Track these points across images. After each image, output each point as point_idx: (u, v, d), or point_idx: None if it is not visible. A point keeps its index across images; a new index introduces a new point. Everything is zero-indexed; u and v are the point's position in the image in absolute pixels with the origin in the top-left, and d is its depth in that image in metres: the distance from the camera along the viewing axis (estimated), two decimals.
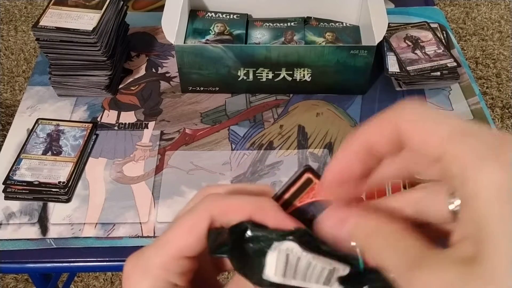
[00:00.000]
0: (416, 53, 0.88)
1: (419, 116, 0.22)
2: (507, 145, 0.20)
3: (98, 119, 0.82)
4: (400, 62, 0.87)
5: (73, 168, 0.73)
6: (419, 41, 0.90)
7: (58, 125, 0.79)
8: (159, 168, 0.75)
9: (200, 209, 0.27)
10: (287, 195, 0.27)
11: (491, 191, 0.19)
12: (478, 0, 2.14)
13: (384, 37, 0.80)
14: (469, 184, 0.20)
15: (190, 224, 0.26)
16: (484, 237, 0.19)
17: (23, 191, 0.71)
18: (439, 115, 0.22)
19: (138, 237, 0.68)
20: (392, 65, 0.86)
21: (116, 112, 0.84)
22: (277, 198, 0.27)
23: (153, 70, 0.91)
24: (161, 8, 0.82)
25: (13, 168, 0.72)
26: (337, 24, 0.92)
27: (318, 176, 0.27)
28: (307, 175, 0.27)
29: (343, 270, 0.25)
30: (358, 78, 0.83)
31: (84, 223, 0.69)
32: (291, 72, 0.82)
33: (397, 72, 0.85)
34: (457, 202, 0.24)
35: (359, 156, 0.24)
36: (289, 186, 0.27)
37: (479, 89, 0.95)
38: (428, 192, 0.26)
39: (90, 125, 0.80)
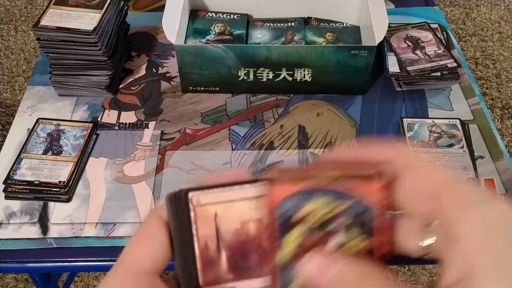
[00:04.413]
0: (416, 54, 0.88)
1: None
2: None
3: (99, 119, 0.82)
4: (400, 62, 0.87)
5: (73, 168, 0.73)
6: (419, 41, 0.90)
7: (58, 124, 0.79)
8: (159, 168, 0.75)
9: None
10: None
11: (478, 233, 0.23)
12: (478, 0, 2.14)
13: (385, 38, 0.80)
14: (460, 225, 0.23)
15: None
16: (474, 273, 0.22)
17: (24, 190, 0.71)
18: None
19: None
20: (393, 66, 0.87)
21: (117, 112, 0.84)
22: None
23: (154, 70, 0.91)
24: (161, 8, 0.82)
25: (14, 168, 0.72)
26: (337, 24, 0.92)
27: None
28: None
29: None
30: (359, 78, 0.83)
31: (85, 223, 0.69)
32: (291, 72, 0.82)
33: (398, 72, 0.86)
34: (428, 241, 0.26)
35: None
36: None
37: (479, 90, 0.95)
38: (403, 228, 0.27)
39: (91, 125, 0.80)
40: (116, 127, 0.81)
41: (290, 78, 0.83)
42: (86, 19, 0.79)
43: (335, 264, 0.25)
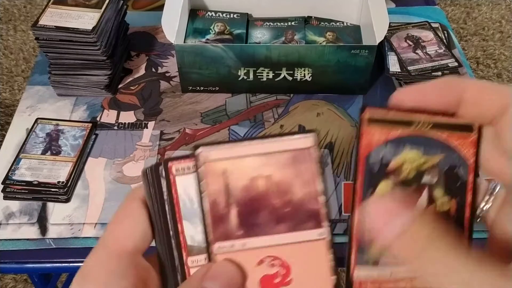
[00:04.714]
0: (417, 53, 0.88)
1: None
2: None
3: (98, 118, 0.82)
4: (401, 62, 0.86)
5: (72, 168, 0.73)
6: (420, 41, 0.90)
7: (57, 124, 0.79)
8: None
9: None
10: None
11: None
12: (479, 0, 2.14)
13: (385, 37, 0.80)
14: None
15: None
16: None
17: (23, 191, 0.71)
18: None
19: None
20: (393, 65, 0.86)
21: (116, 111, 0.83)
22: None
23: (153, 69, 0.91)
24: (161, 8, 0.82)
25: (13, 168, 0.72)
26: (337, 23, 0.91)
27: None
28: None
29: None
30: (359, 78, 0.83)
31: (84, 223, 0.69)
32: (291, 72, 0.82)
33: (398, 72, 0.85)
34: (486, 206, 0.25)
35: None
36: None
37: None
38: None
39: (90, 124, 0.79)
40: (116, 127, 0.81)
41: (290, 78, 0.83)
42: (85, 19, 0.79)
43: (403, 215, 0.22)
